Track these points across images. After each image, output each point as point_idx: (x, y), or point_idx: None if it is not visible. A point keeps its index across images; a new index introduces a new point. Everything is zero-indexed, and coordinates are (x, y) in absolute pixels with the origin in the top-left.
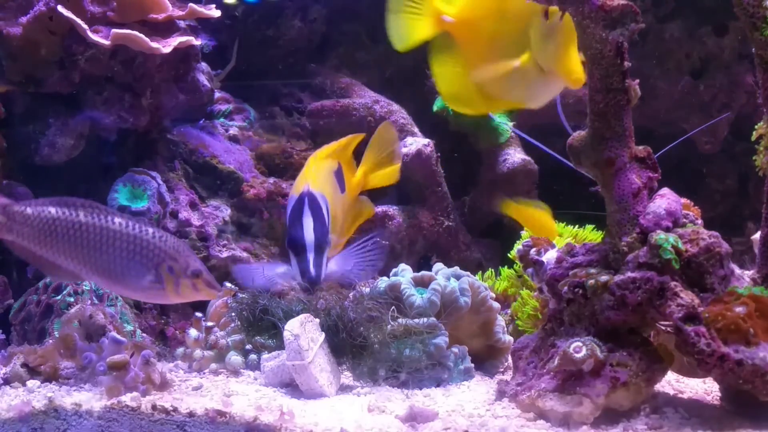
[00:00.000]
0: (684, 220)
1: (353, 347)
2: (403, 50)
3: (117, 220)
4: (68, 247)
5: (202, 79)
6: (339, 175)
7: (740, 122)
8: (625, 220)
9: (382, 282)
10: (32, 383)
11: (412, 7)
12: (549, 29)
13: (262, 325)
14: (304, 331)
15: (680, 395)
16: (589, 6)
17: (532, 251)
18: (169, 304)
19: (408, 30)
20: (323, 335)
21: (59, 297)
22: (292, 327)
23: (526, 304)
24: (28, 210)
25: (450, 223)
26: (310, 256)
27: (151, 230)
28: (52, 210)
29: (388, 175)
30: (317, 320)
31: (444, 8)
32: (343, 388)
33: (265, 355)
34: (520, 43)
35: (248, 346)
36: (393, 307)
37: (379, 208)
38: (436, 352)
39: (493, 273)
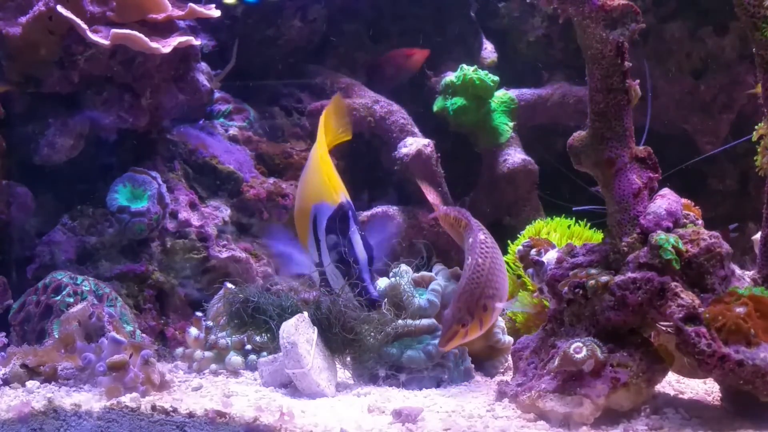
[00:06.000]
0: (684, 220)
1: (347, 340)
2: None
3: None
4: None
5: (202, 79)
6: None
7: (741, 122)
8: (625, 220)
9: (382, 282)
10: (31, 384)
11: None
12: None
13: (255, 321)
14: (299, 335)
15: (681, 396)
16: (589, 6)
17: (533, 251)
18: (169, 305)
19: None
20: (315, 330)
21: (59, 297)
22: (288, 334)
23: (515, 317)
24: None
25: None
26: (367, 276)
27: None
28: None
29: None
30: (307, 316)
31: None
32: (343, 388)
33: (261, 359)
34: None
35: (248, 347)
36: (392, 308)
37: (379, 209)
38: (436, 353)
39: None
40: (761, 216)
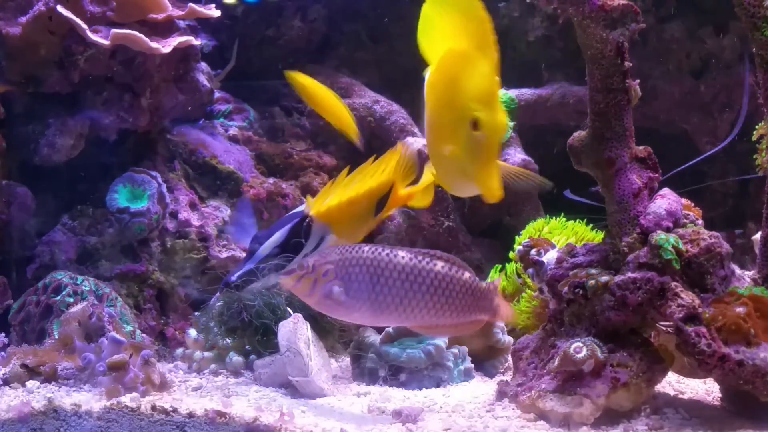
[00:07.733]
0: (684, 220)
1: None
2: None
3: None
4: None
5: (202, 79)
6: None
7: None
8: (625, 220)
9: None
10: (31, 384)
11: None
12: (475, 141)
13: (254, 322)
14: (299, 340)
15: (681, 396)
16: (589, 6)
17: (533, 251)
18: (169, 305)
19: None
20: (308, 325)
21: (59, 297)
22: (289, 342)
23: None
24: None
25: (450, 223)
26: (244, 264)
27: None
28: None
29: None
30: (300, 315)
31: None
32: (343, 388)
33: (258, 361)
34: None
35: (248, 347)
36: None
37: None
38: (436, 353)
39: (498, 268)
40: (761, 216)
